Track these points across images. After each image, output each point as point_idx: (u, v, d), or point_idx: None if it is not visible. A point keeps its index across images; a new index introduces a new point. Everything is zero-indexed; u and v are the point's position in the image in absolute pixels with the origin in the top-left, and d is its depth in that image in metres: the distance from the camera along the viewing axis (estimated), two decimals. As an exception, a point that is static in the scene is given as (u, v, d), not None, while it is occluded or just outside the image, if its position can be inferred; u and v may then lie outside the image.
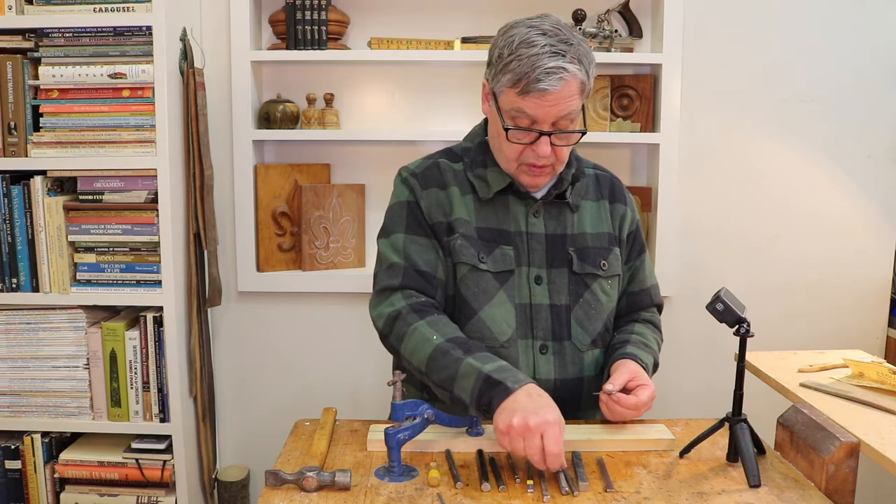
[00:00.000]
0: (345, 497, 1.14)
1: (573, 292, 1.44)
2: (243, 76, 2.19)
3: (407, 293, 1.39)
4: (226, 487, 2.26)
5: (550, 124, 1.33)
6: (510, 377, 1.24)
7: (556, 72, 1.28)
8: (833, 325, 2.36)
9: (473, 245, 1.41)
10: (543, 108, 1.31)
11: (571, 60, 1.29)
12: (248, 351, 2.40)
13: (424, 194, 1.45)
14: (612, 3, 2.22)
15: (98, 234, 2.01)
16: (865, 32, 2.25)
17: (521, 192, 1.44)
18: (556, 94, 1.29)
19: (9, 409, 2.05)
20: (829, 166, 2.31)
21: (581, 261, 1.45)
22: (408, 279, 1.40)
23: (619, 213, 1.53)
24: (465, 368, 1.27)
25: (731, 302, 1.23)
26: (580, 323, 1.45)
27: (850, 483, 1.19)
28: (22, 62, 1.95)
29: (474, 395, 1.25)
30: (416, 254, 1.42)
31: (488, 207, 1.44)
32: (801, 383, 1.62)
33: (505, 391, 1.22)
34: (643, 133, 2.24)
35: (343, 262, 2.33)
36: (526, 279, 1.43)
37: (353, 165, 2.35)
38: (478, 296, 1.41)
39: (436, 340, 1.32)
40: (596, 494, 1.15)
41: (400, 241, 1.43)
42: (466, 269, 1.41)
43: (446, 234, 1.43)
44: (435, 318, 1.36)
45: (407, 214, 1.44)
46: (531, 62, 1.28)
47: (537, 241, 1.44)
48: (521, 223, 1.44)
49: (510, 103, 1.34)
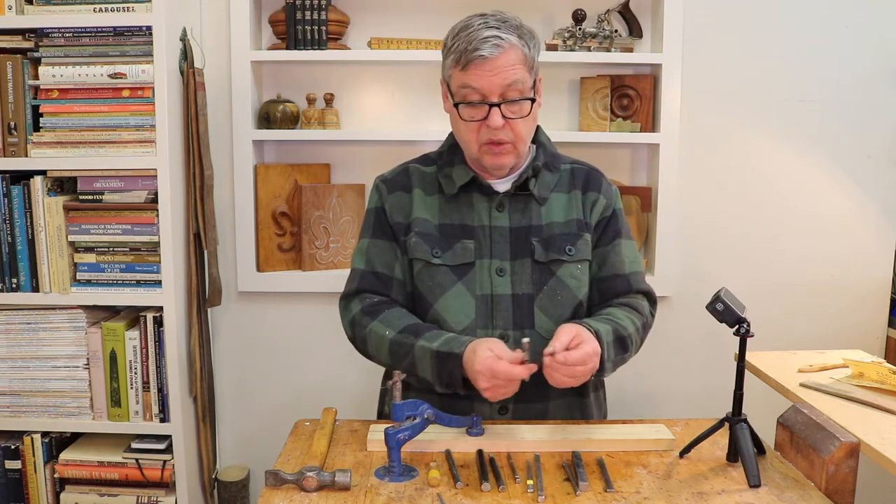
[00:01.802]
0: (345, 497, 1.15)
1: (536, 281, 1.45)
2: (243, 76, 2.20)
3: (362, 296, 1.48)
4: (226, 487, 2.26)
5: (498, 95, 1.36)
6: (455, 345, 1.33)
7: (491, 39, 1.34)
8: (833, 325, 2.36)
9: (428, 241, 1.46)
10: (486, 77, 1.35)
11: (507, 32, 1.36)
12: (248, 351, 2.40)
13: (389, 198, 1.51)
14: (612, 3, 2.22)
15: (98, 234, 2.01)
16: (865, 32, 2.26)
17: (484, 188, 1.47)
18: (494, 61, 1.33)
19: (9, 409, 2.05)
20: (829, 166, 2.31)
21: (545, 249, 1.45)
22: (363, 283, 1.49)
23: (591, 200, 1.51)
24: (419, 352, 1.36)
25: (731, 302, 1.23)
26: (544, 311, 1.45)
27: (850, 483, 1.19)
28: (22, 62, 1.95)
29: (434, 373, 1.34)
30: (376, 256, 1.50)
31: (452, 205, 1.48)
32: (801, 383, 1.62)
33: (456, 358, 1.31)
34: (643, 133, 2.24)
35: (343, 262, 2.33)
36: (487, 271, 1.45)
37: (353, 165, 2.35)
38: (432, 289, 1.45)
39: (389, 335, 1.40)
40: (596, 494, 1.15)
41: (365, 245, 1.52)
42: (421, 264, 1.46)
43: (404, 233, 1.49)
44: (386, 314, 1.43)
45: (374, 221, 1.52)
46: (469, 37, 1.35)
47: (500, 234, 1.46)
48: (483, 217, 1.47)
49: (457, 82, 1.39)
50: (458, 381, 1.32)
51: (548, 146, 1.52)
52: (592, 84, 2.25)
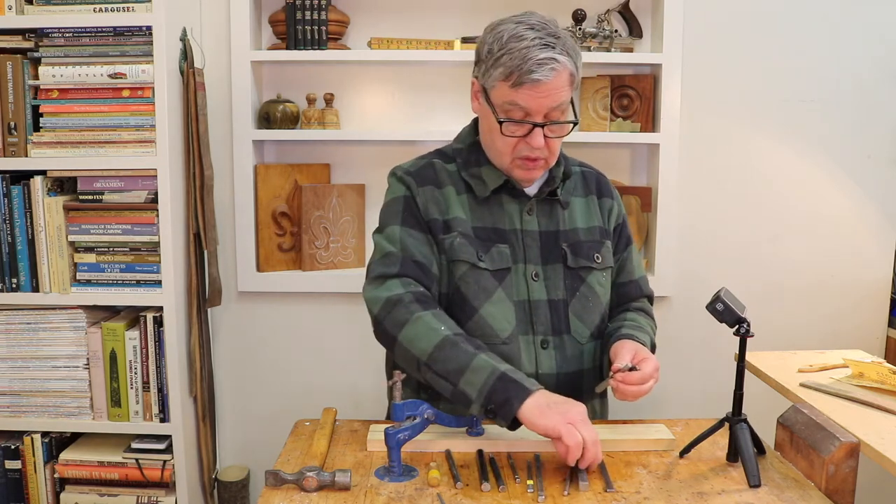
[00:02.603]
0: (345, 497, 1.15)
1: (569, 287, 1.46)
2: (243, 76, 2.19)
3: (406, 281, 1.37)
4: (226, 487, 2.26)
5: (543, 116, 1.35)
6: (525, 378, 1.25)
7: (548, 62, 1.30)
8: (833, 325, 2.36)
9: (472, 243, 1.42)
10: (536, 99, 1.33)
11: (561, 52, 1.32)
12: (248, 351, 2.40)
13: (421, 191, 1.45)
14: (612, 3, 2.22)
15: (98, 234, 2.01)
16: (865, 33, 2.25)
17: (514, 191, 1.46)
18: (548, 84, 1.31)
19: (9, 409, 2.05)
20: (829, 166, 2.31)
21: (575, 255, 1.47)
22: (406, 268, 1.39)
23: (607, 207, 1.56)
24: (479, 363, 1.26)
25: (730, 302, 1.23)
26: (578, 316, 1.46)
27: (850, 483, 1.19)
28: (22, 62, 1.94)
29: (485, 390, 1.24)
30: (413, 246, 1.41)
31: (483, 207, 1.45)
32: (801, 383, 1.62)
33: (524, 391, 1.22)
34: (643, 133, 2.24)
35: (343, 262, 2.33)
36: (523, 276, 1.44)
37: (353, 165, 2.35)
38: (478, 294, 1.41)
39: (444, 331, 1.30)
40: (596, 494, 1.15)
41: (396, 232, 1.42)
42: (466, 267, 1.41)
43: (442, 231, 1.43)
44: (438, 311, 1.36)
45: (403, 209, 1.44)
46: (522, 54, 1.30)
47: (532, 239, 1.45)
48: (515, 221, 1.45)
49: (503, 97, 1.35)
50: (509, 410, 1.22)
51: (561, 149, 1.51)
52: (592, 84, 2.25)
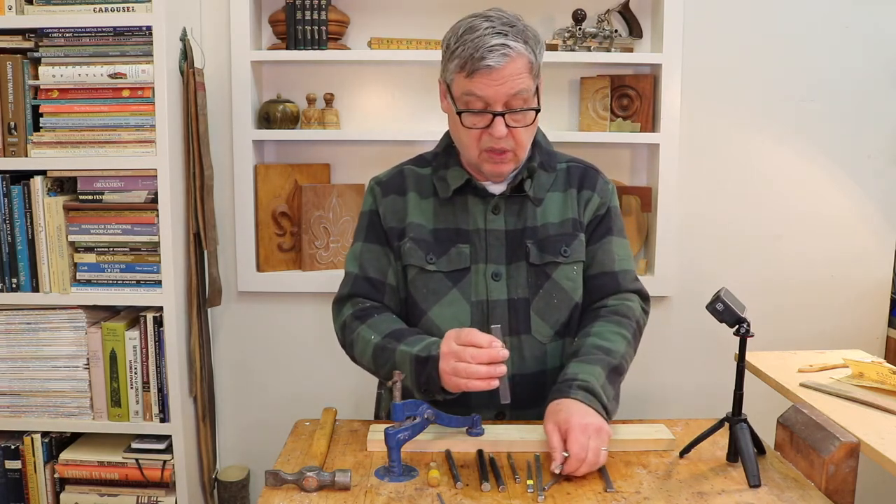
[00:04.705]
0: (345, 497, 1.15)
1: (532, 284, 1.44)
2: (243, 76, 2.20)
3: (354, 301, 1.47)
4: (226, 487, 2.26)
5: (503, 104, 1.34)
6: (434, 347, 1.29)
7: (499, 48, 1.30)
8: (833, 324, 2.36)
9: (423, 247, 1.44)
10: (492, 86, 1.32)
11: (515, 39, 1.32)
12: (248, 351, 2.40)
13: (383, 202, 1.50)
14: (612, 3, 2.22)
15: (98, 234, 2.01)
16: (865, 33, 2.25)
17: (479, 190, 1.45)
18: (501, 70, 1.30)
19: (9, 409, 2.05)
20: (829, 166, 2.31)
21: (540, 251, 1.44)
22: (356, 287, 1.48)
23: (585, 199, 1.49)
24: (400, 357, 1.33)
25: (731, 302, 1.23)
26: (541, 315, 1.44)
27: (850, 483, 1.19)
28: (22, 62, 1.94)
29: (412, 377, 1.31)
30: (368, 261, 1.49)
31: (447, 208, 1.46)
32: (801, 383, 1.62)
33: (435, 362, 1.27)
34: (643, 133, 2.24)
35: (343, 263, 2.32)
36: (482, 276, 1.44)
37: (353, 165, 2.35)
38: (427, 296, 1.45)
39: (374, 340, 1.38)
40: (596, 494, 1.15)
41: (358, 249, 1.51)
42: (415, 271, 1.45)
43: (398, 238, 1.47)
44: (375, 319, 1.42)
45: (367, 224, 1.51)
46: (475, 44, 1.31)
47: (496, 238, 1.44)
48: (479, 221, 1.45)
49: (461, 88, 1.35)
50: (435, 385, 1.28)
51: (544, 145, 1.50)
52: (592, 84, 2.25)
